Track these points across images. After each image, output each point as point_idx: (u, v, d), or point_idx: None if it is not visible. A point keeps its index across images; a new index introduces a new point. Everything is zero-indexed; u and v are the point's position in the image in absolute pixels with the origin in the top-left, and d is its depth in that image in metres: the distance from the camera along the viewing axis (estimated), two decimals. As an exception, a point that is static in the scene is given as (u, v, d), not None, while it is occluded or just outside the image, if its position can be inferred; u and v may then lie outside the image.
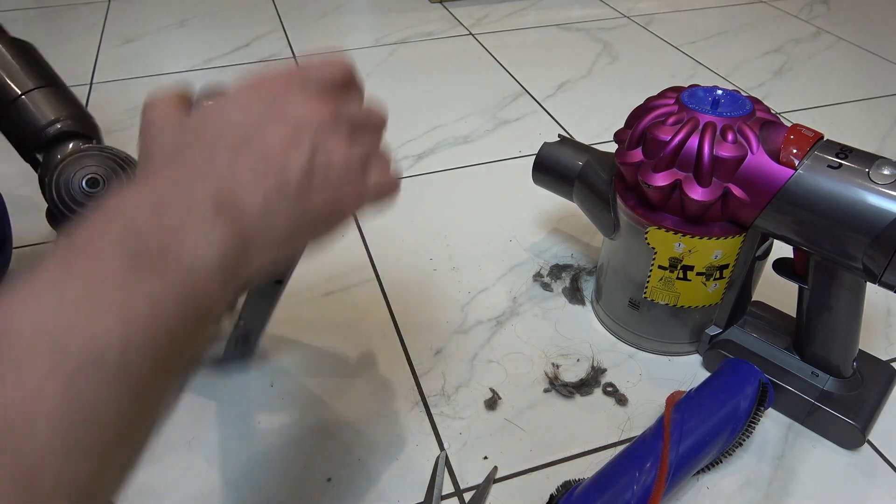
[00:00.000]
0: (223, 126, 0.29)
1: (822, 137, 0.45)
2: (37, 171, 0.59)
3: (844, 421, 0.48)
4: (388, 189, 0.34)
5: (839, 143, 0.45)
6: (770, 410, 0.52)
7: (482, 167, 0.83)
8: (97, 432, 0.22)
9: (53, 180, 0.55)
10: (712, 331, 0.55)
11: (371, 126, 0.33)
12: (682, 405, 0.47)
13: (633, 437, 0.50)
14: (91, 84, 1.02)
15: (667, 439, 0.43)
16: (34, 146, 0.58)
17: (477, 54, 1.12)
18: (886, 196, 0.41)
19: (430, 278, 0.66)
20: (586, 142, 0.72)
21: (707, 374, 0.55)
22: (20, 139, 0.59)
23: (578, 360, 0.57)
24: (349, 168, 0.31)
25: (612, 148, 0.55)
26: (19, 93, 0.58)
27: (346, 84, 0.32)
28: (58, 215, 0.56)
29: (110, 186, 0.55)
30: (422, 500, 0.46)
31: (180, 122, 0.30)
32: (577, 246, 0.70)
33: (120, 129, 0.90)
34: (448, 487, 0.47)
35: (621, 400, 0.53)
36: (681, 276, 0.51)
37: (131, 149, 0.57)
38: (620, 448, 0.50)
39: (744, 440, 0.47)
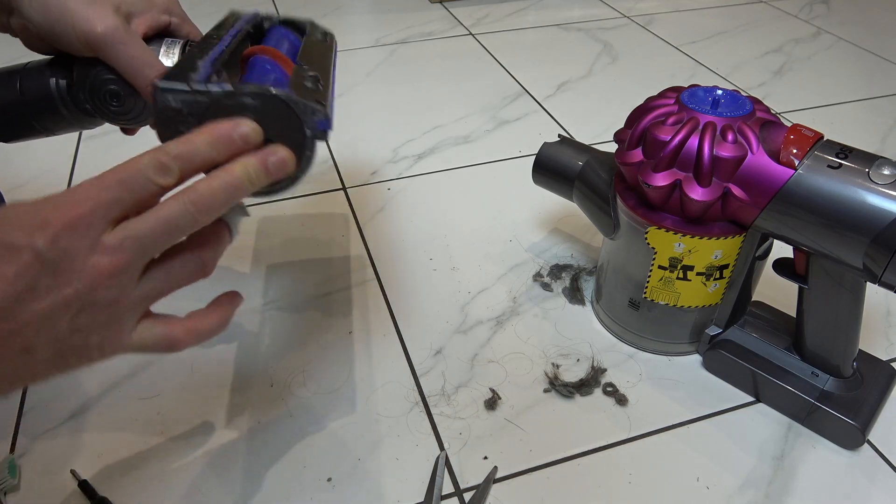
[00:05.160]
0: None
1: (822, 137, 0.45)
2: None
3: (844, 421, 0.48)
4: (164, 346, 0.33)
5: (839, 143, 0.45)
6: (770, 410, 0.52)
7: (482, 167, 0.83)
8: None
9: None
10: (712, 331, 0.55)
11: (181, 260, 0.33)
12: None
13: (635, 437, 0.51)
14: (91, 84, 1.02)
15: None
16: None
17: (477, 54, 1.12)
18: (886, 196, 0.41)
19: (430, 278, 0.66)
20: (586, 142, 0.72)
21: (707, 375, 0.56)
22: None
23: (578, 360, 0.57)
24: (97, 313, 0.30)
25: (612, 148, 0.55)
26: None
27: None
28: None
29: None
30: (422, 500, 0.46)
31: None
32: (577, 246, 0.70)
33: (120, 129, 0.90)
34: (448, 487, 0.47)
35: (621, 400, 0.53)
36: (681, 276, 0.51)
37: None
38: (620, 448, 0.50)
39: None
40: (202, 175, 0.33)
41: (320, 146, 0.36)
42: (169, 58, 0.44)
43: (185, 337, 0.34)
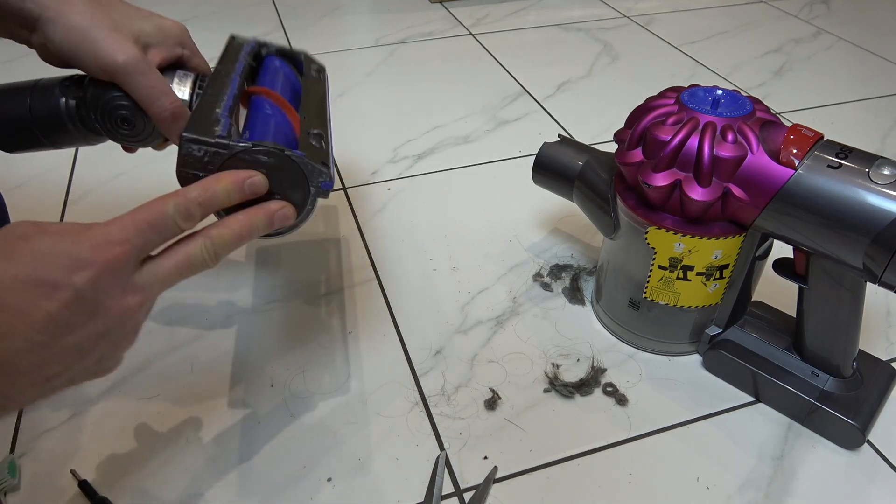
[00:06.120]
0: None
1: (822, 137, 0.45)
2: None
3: (844, 421, 0.48)
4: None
5: (839, 143, 0.45)
6: (770, 410, 0.52)
7: (482, 167, 0.83)
8: None
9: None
10: (712, 331, 0.55)
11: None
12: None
13: (635, 437, 0.51)
14: (91, 84, 1.02)
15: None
16: None
17: (477, 54, 1.12)
18: (886, 196, 0.41)
19: (430, 278, 0.66)
20: (586, 142, 0.72)
21: (707, 375, 0.56)
22: None
23: (578, 360, 0.57)
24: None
25: (612, 148, 0.55)
26: None
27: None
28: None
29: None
30: (422, 500, 0.46)
31: None
32: (577, 246, 0.70)
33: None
34: (448, 487, 0.47)
35: (621, 400, 0.53)
36: (681, 276, 0.51)
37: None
38: (620, 448, 0.50)
39: None
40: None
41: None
42: (181, 89, 0.46)
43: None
